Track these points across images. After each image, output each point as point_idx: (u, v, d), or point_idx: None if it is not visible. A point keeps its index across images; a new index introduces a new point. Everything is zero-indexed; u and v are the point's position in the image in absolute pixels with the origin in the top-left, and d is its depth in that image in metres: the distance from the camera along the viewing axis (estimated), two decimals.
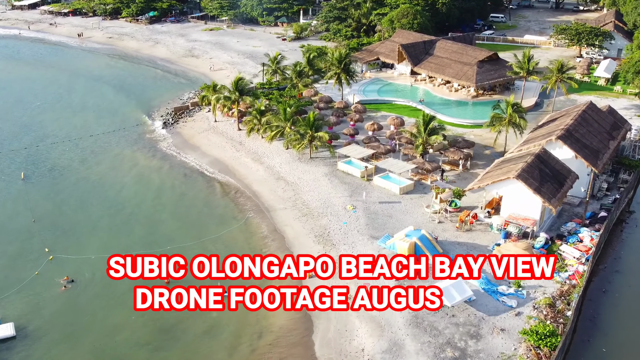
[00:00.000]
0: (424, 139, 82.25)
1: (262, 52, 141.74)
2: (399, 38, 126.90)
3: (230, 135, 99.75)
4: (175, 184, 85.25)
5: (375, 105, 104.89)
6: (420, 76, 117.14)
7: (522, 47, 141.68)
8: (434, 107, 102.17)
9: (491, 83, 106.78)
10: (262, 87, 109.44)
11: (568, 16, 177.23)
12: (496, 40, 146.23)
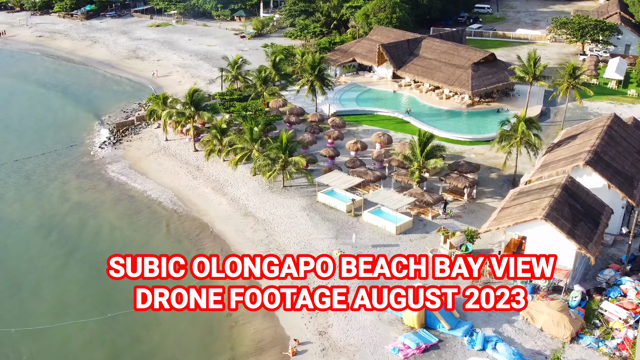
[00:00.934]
0: (421, 163, 73.75)
1: (218, 52, 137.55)
2: (377, 36, 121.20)
3: (185, 158, 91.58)
4: (116, 226, 75.26)
5: (355, 117, 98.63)
6: (404, 80, 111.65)
7: (514, 43, 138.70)
8: (423, 118, 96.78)
9: (489, 89, 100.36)
10: (222, 98, 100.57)
11: (561, 5, 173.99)
12: (485, 36, 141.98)
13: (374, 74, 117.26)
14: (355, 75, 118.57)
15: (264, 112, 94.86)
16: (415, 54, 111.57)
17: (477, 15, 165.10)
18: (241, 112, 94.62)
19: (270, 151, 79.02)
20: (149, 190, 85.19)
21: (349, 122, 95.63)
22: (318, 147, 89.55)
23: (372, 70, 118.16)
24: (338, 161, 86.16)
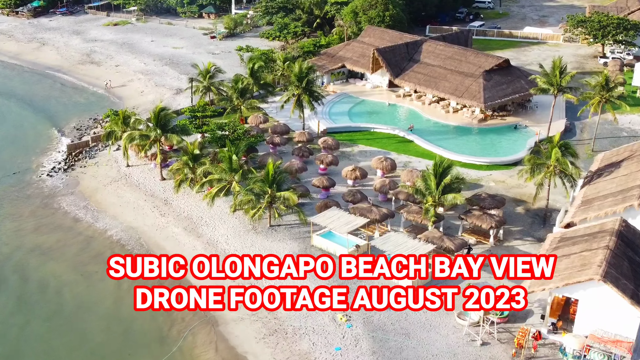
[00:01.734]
0: (437, 199, 66.94)
1: (185, 55, 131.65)
2: (370, 38, 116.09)
3: (151, 189, 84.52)
4: (66, 281, 67.51)
5: (349, 136, 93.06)
6: (402, 90, 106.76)
7: (522, 44, 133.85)
8: (429, 136, 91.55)
9: (504, 101, 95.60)
10: (193, 115, 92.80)
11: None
12: (488, 35, 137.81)
13: (367, 82, 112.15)
14: (345, 84, 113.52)
15: (244, 132, 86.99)
16: (416, 60, 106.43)
17: (477, 10, 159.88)
18: (216, 133, 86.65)
19: (254, 185, 71.76)
20: (109, 231, 77.69)
21: (341, 141, 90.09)
22: (309, 175, 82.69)
23: (364, 78, 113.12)
24: (334, 192, 79.31)
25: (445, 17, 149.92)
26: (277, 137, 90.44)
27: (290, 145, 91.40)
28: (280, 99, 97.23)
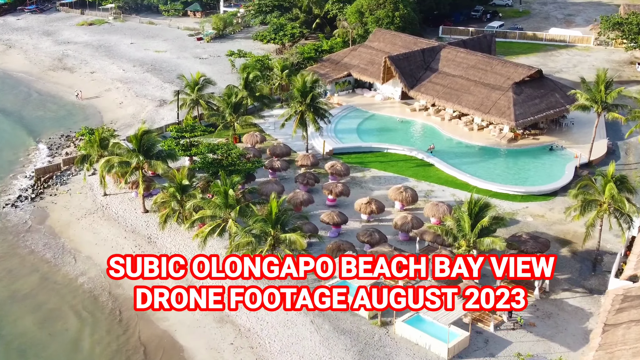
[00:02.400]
0: (471, 242, 62.07)
1: (169, 60, 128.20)
2: (379, 42, 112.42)
3: (132, 224, 79.19)
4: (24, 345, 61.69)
5: (359, 157, 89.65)
6: (418, 104, 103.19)
7: (548, 47, 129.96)
8: (452, 159, 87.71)
9: (538, 118, 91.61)
10: (180, 135, 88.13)
11: None
12: (509, 37, 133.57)
13: (376, 92, 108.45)
14: (351, 95, 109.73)
15: (239, 156, 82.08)
16: (433, 69, 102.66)
17: (494, 9, 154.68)
18: (207, 157, 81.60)
19: (254, 224, 65.69)
20: (81, 276, 71.63)
21: (351, 164, 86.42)
22: (315, 207, 77.52)
23: (373, 88, 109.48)
24: (346, 228, 74.08)
25: (460, 16, 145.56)
26: (277, 161, 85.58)
27: (292, 170, 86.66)
28: (280, 116, 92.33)
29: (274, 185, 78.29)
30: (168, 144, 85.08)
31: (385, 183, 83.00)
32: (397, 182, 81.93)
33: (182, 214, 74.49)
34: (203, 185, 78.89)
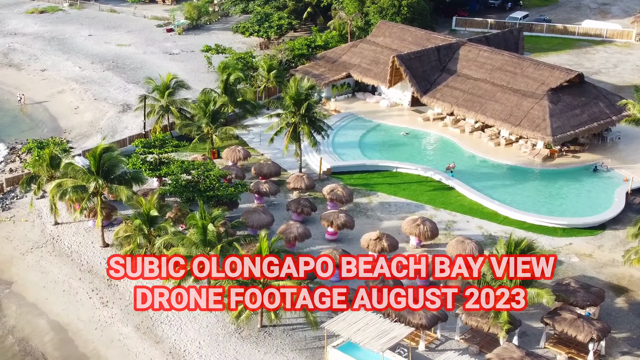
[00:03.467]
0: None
1: (134, 55, 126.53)
2: (384, 38, 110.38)
3: (89, 261, 75.09)
4: None
5: (363, 178, 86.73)
6: (432, 112, 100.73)
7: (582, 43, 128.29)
8: (475, 181, 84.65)
9: (579, 132, 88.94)
10: (147, 150, 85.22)
11: None
12: (535, 30, 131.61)
13: (381, 98, 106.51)
14: (351, 100, 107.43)
15: (218, 178, 78.95)
16: (451, 71, 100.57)
17: None
18: (180, 180, 78.57)
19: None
20: (20, 330, 68.32)
21: (354, 186, 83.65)
22: (312, 242, 74.16)
23: (377, 92, 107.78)
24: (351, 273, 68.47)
25: (476, 5, 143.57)
26: (265, 184, 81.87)
27: (282, 194, 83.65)
28: (269, 128, 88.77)
29: (262, 215, 75.00)
30: (133, 162, 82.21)
31: (397, 211, 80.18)
32: (411, 209, 79.34)
33: (150, 252, 70.93)
34: (175, 214, 75.52)
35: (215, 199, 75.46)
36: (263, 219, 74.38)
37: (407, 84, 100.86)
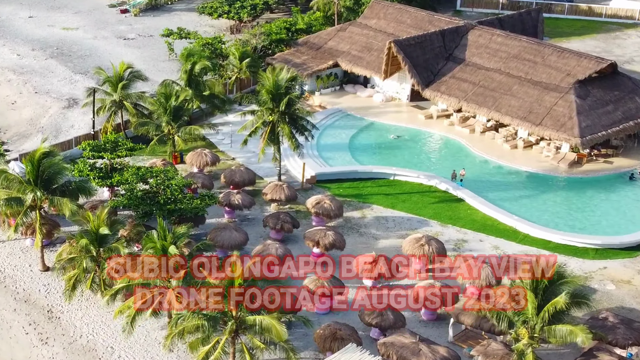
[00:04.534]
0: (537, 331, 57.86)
1: (82, 40, 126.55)
2: (378, 20, 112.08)
3: (26, 289, 74.19)
4: None
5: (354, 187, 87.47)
6: (435, 108, 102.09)
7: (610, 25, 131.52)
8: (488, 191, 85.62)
9: (613, 133, 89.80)
10: (97, 154, 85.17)
11: None
12: (555, 12, 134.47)
13: (374, 91, 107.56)
14: (339, 93, 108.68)
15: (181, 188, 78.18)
16: (458, 59, 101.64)
17: None
18: (135, 190, 78.21)
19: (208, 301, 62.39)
20: None
21: (343, 197, 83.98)
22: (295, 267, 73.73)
23: (370, 85, 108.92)
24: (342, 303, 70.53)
25: None
26: (237, 194, 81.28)
27: (258, 206, 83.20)
28: (242, 128, 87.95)
29: (233, 233, 74.04)
30: (79, 168, 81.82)
31: (396, 228, 79.79)
32: (413, 226, 79.03)
33: (100, 278, 71.13)
34: (129, 232, 74.98)
35: (178, 213, 75.17)
36: (235, 238, 73.63)
37: (406, 75, 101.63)
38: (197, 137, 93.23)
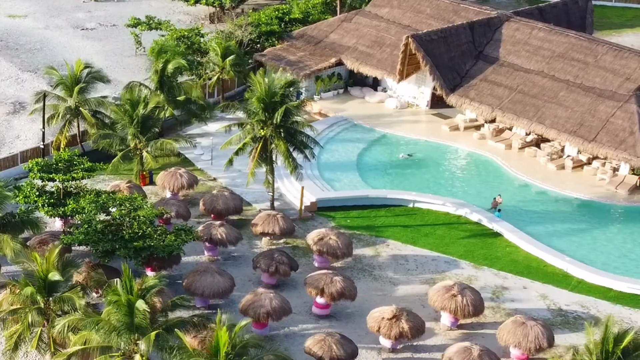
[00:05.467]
0: None
1: (32, 31, 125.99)
2: (391, 9, 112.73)
3: None
4: None
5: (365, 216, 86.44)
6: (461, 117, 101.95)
7: None
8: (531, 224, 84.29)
9: None
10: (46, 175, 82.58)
11: None
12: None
13: (387, 95, 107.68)
14: (343, 98, 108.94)
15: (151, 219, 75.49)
16: (490, 58, 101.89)
17: None
18: (94, 223, 75.13)
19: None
20: None
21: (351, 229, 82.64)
22: (294, 320, 71.92)
23: (381, 87, 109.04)
24: None
25: None
26: (220, 227, 78.38)
27: (246, 242, 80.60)
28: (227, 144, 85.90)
29: (216, 278, 71.25)
30: (25, 194, 79.73)
31: (418, 270, 77.31)
32: (439, 268, 76.88)
33: (49, 336, 68.95)
34: (87, 276, 72.53)
35: (147, 252, 72.39)
36: (218, 284, 70.76)
37: (426, 77, 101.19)
38: (171, 153, 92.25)
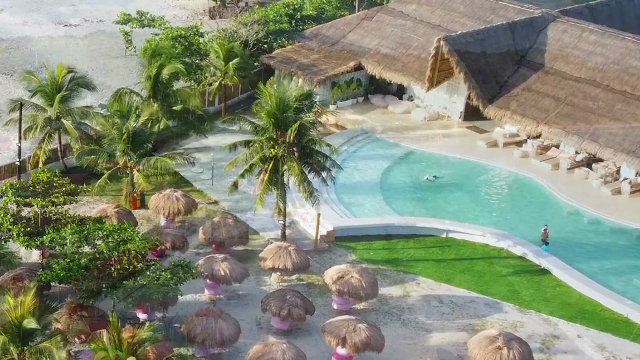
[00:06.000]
0: None
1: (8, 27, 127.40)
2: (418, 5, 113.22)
3: None
4: None
5: (389, 249, 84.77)
6: (500, 131, 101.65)
7: None
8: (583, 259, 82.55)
9: None
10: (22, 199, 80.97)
11: None
12: None
13: (414, 105, 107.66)
14: (363, 107, 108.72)
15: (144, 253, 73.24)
16: (534, 64, 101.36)
17: None
18: (77, 258, 72.57)
19: None
20: None
21: (374, 263, 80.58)
22: None
23: (405, 95, 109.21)
24: None
25: None
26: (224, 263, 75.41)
27: (253, 278, 77.68)
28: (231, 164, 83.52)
29: (220, 324, 68.63)
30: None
31: (455, 315, 74.15)
32: (479, 312, 74.11)
33: None
34: (67, 322, 69.75)
35: (139, 293, 70.14)
36: (221, 331, 68.36)
37: (460, 85, 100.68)
38: (165, 172, 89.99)
